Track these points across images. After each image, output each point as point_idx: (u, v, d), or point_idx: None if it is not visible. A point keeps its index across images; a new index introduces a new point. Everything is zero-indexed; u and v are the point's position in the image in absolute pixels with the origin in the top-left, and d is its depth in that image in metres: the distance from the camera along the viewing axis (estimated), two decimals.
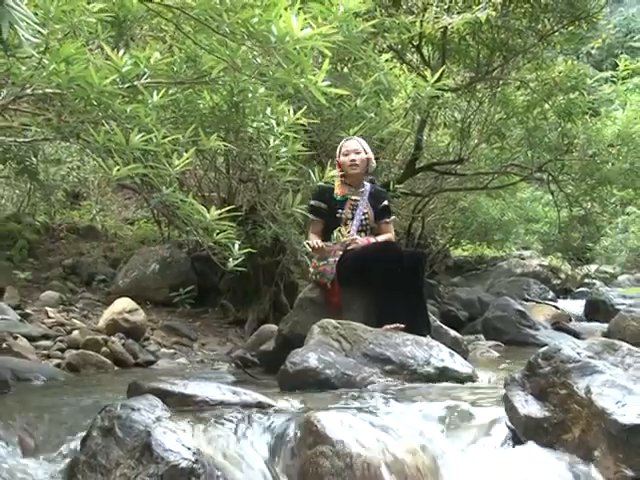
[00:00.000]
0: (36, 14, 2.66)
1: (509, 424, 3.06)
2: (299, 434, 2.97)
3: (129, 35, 4.21)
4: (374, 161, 6.17)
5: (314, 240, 5.61)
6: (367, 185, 5.97)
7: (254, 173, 6.39)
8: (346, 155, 5.84)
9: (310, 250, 5.54)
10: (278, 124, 4.14)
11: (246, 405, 3.43)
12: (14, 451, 2.95)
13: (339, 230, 5.62)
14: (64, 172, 9.81)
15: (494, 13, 8.23)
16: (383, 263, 5.39)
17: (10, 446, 2.97)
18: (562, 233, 16.58)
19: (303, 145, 4.45)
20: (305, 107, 4.12)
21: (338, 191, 5.80)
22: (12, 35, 2.47)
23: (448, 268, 15.00)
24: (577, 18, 9.04)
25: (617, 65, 18.49)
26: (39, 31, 2.62)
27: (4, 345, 5.25)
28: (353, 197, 5.85)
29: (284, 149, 4.21)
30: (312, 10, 3.47)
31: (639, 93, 17.57)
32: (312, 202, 5.69)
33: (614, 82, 15.29)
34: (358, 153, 5.85)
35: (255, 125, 4.26)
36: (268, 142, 4.21)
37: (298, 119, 4.15)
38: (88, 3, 3.51)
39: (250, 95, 4.05)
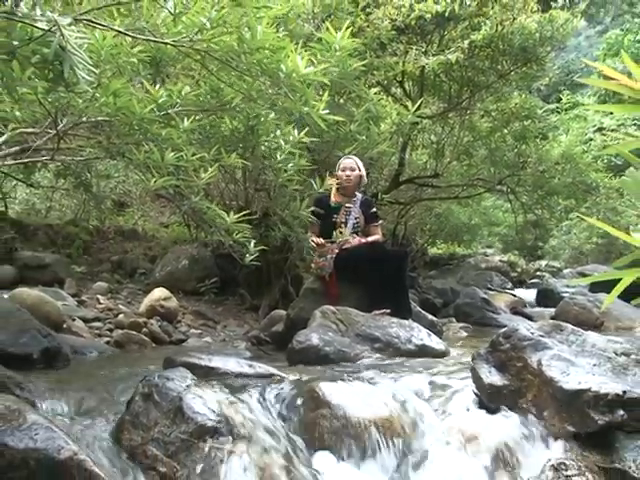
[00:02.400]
0: (90, 57, 2.65)
1: (475, 391, 3.06)
2: (303, 400, 2.97)
3: (164, 73, 4.20)
4: (366, 178, 6.21)
5: (316, 239, 5.67)
6: (359, 195, 6.00)
7: (266, 184, 6.39)
8: (343, 171, 5.89)
9: (314, 245, 5.64)
10: (286, 143, 4.14)
11: (260, 376, 3.43)
12: (75, 411, 2.96)
13: (339, 232, 5.65)
14: (112, 185, 9.79)
15: (462, 55, 8.25)
16: (372, 260, 5.41)
17: (71, 407, 2.98)
18: (518, 234, 16.65)
19: (306, 161, 4.46)
20: (307, 130, 4.11)
21: (334, 199, 5.86)
22: (71, 75, 2.47)
23: (426, 263, 14.97)
24: (529, 61, 9.08)
25: (561, 99, 18.57)
26: (92, 71, 2.62)
27: (65, 325, 5.25)
28: (347, 205, 5.88)
29: (291, 164, 4.21)
30: (313, 49, 3.48)
31: (578, 122, 17.63)
32: (312, 208, 5.72)
33: (559, 112, 15.37)
34: (353, 170, 5.90)
35: (267, 144, 4.25)
36: (277, 158, 4.21)
37: (302, 139, 4.15)
38: (132, 47, 3.51)
39: (263, 120, 4.04)
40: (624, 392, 2.53)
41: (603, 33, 28.86)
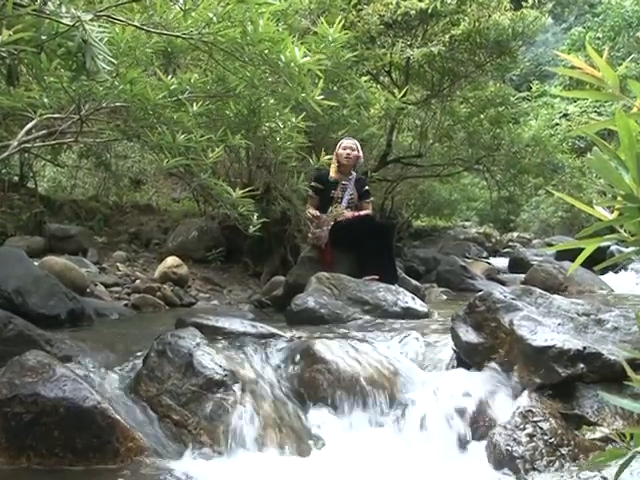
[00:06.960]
0: (110, 49, 2.64)
1: (454, 348, 3.08)
2: (301, 356, 2.99)
3: (175, 63, 4.17)
4: (362, 159, 6.16)
5: (313, 211, 5.67)
6: (354, 174, 5.94)
7: (267, 161, 6.36)
8: (344, 149, 5.80)
9: (311, 217, 5.64)
10: (284, 126, 4.11)
11: (262, 335, 3.43)
12: (98, 365, 2.97)
13: (335, 207, 5.64)
14: (129, 164, 9.79)
15: (443, 48, 8.21)
16: (364, 231, 5.42)
17: (95, 362, 3.00)
18: (493, 209, 16.70)
19: (302, 142, 4.43)
20: (304, 114, 4.08)
21: (333, 175, 5.78)
22: (93, 65, 2.47)
23: (410, 235, 14.87)
24: (502, 53, 9.07)
25: (531, 88, 18.49)
26: (111, 61, 2.60)
27: (88, 290, 5.27)
28: (343, 182, 5.83)
29: (289, 143, 4.17)
30: (310, 41, 3.46)
31: (546, 108, 17.58)
32: (312, 183, 5.67)
33: (529, 100, 15.27)
34: (353, 150, 5.82)
35: (268, 126, 4.22)
36: (277, 139, 4.18)
37: (300, 123, 4.12)
38: (147, 40, 3.48)
39: (264, 104, 4.01)
40: (584, 348, 2.57)
41: (568, 30, 28.61)
